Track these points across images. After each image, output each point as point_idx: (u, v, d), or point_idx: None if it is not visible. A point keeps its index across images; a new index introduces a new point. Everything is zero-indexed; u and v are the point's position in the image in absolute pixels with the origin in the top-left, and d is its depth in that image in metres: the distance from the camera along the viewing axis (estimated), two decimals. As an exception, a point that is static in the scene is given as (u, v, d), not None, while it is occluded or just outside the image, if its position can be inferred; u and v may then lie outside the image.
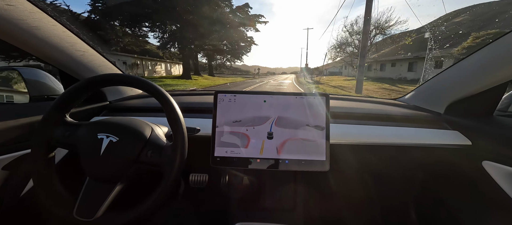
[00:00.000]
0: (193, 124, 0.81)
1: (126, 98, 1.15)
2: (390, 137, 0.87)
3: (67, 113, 0.62)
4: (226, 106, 0.74)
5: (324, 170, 0.71)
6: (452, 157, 0.86)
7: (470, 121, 0.84)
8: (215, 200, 1.15)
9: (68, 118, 0.62)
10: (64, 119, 0.61)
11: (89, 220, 0.51)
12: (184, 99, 1.13)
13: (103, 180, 0.56)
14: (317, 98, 0.73)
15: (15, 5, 0.60)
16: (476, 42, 7.35)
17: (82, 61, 0.87)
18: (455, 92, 0.88)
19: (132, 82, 0.62)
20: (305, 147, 0.72)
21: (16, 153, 0.67)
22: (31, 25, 0.65)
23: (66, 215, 0.53)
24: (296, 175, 0.98)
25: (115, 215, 0.55)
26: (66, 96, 0.60)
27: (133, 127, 0.61)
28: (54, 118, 0.59)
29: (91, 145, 0.56)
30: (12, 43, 0.66)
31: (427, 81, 1.04)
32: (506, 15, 21.02)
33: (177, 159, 0.56)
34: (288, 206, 0.93)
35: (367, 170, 1.11)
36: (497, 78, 0.72)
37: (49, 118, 0.58)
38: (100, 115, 0.97)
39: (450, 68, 0.89)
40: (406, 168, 1.03)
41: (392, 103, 1.17)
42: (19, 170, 0.70)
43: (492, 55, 0.70)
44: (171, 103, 0.59)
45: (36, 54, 0.73)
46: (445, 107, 0.94)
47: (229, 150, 0.73)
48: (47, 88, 0.98)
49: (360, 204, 1.19)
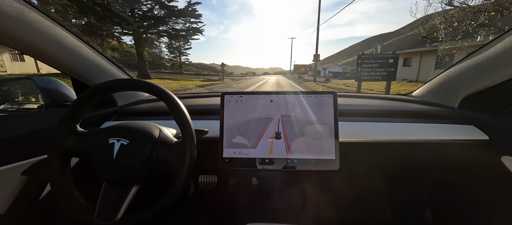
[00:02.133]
0: (201, 126, 0.82)
1: (136, 102, 1.18)
2: (401, 134, 0.85)
3: (77, 123, 0.64)
4: (233, 107, 0.75)
5: (334, 169, 0.70)
6: (468, 152, 0.83)
7: (486, 115, 0.81)
8: (225, 201, 1.15)
9: (79, 127, 0.64)
10: (75, 129, 0.63)
11: (110, 222, 0.53)
12: (192, 102, 1.14)
13: (118, 183, 0.58)
14: (325, 96, 0.73)
15: (25, 14, 0.62)
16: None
17: (91, 68, 0.90)
18: (469, 85, 0.84)
19: (138, 86, 0.63)
20: (314, 146, 0.71)
21: (33, 159, 0.70)
22: (40, 33, 0.68)
23: (87, 220, 0.55)
24: (306, 174, 0.97)
25: (134, 215, 0.57)
26: (74, 107, 0.62)
27: (142, 129, 0.63)
28: (65, 128, 0.61)
29: (103, 151, 0.58)
30: (23, 51, 0.68)
31: (438, 75, 1.01)
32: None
33: (187, 154, 0.57)
34: (298, 206, 0.93)
35: (378, 168, 1.08)
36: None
37: (60, 129, 0.60)
38: (111, 120, 1.00)
39: (463, 61, 0.86)
40: (419, 165, 1.00)
41: (402, 99, 1.14)
42: (37, 175, 0.73)
43: (508, 46, 0.67)
44: (177, 104, 0.60)
45: (47, 62, 0.76)
46: (458, 102, 0.91)
47: (237, 151, 0.73)
48: (61, 96, 1.02)
49: (373, 203, 1.16)
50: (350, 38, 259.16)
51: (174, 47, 37.11)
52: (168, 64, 46.60)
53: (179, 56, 41.31)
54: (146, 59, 25.34)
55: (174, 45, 36.66)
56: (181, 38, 32.15)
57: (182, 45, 36.93)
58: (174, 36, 30.56)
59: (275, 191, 0.94)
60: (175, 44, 36.22)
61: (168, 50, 38.86)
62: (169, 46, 36.54)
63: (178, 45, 36.56)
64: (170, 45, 36.36)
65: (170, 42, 35.00)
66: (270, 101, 0.74)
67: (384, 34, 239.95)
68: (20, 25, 0.61)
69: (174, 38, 31.77)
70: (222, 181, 1.14)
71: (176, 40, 33.59)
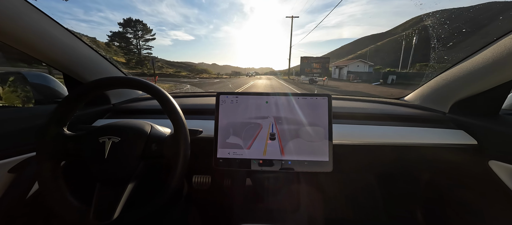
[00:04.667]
0: (196, 125, 0.82)
1: (130, 100, 1.16)
2: (393, 137, 0.86)
3: (65, 126, 0.61)
4: (228, 107, 0.74)
5: (328, 170, 0.71)
6: (457, 157, 0.85)
7: (475, 120, 0.83)
8: (219, 201, 1.15)
9: (66, 130, 0.61)
10: (63, 132, 0.60)
11: (107, 222, 0.52)
12: (186, 101, 1.13)
13: (113, 182, 0.57)
14: (320, 98, 0.73)
15: (17, 7, 0.60)
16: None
17: (85, 64, 0.88)
18: (460, 91, 0.87)
19: (131, 84, 0.61)
20: (308, 147, 0.72)
21: (21, 156, 0.68)
22: (34, 28, 0.66)
23: (84, 221, 0.54)
24: (300, 176, 0.98)
25: (133, 212, 0.56)
26: (61, 109, 0.59)
27: (132, 126, 0.62)
28: (53, 132, 0.58)
29: (95, 150, 0.57)
30: (15, 46, 0.66)
31: (430, 80, 1.03)
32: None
33: (181, 147, 0.56)
34: (292, 207, 0.93)
35: (371, 171, 1.10)
36: (502, 77, 0.71)
37: (48, 133, 0.57)
38: (104, 118, 0.98)
39: (454, 67, 0.89)
40: (410, 168, 1.02)
41: (395, 103, 1.16)
42: (24, 173, 0.71)
43: (496, 53, 0.70)
44: (171, 102, 0.60)
45: (39, 57, 0.74)
46: (449, 106, 0.93)
47: (231, 151, 0.73)
48: (52, 92, 0.99)
49: (365, 205, 1.18)
50: (339, 39, 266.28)
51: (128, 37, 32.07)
52: (121, 59, 40.92)
53: (139, 50, 37.26)
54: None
55: (127, 33, 32.82)
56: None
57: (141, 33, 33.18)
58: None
59: (269, 192, 0.94)
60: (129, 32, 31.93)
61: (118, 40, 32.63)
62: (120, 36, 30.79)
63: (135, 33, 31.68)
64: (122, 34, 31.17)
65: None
66: (266, 103, 0.74)
67: (376, 34, 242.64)
68: (7, 16, 0.58)
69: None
70: (216, 181, 1.13)
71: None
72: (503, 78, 0.72)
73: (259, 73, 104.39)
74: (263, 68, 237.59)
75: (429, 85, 1.04)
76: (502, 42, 0.68)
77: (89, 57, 0.89)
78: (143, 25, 36.28)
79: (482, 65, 0.75)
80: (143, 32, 40.07)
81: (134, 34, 39.30)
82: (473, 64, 0.79)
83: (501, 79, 0.72)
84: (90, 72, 0.91)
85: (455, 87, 0.89)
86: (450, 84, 0.91)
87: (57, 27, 0.74)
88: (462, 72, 0.84)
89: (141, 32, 39.28)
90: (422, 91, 1.09)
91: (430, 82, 1.03)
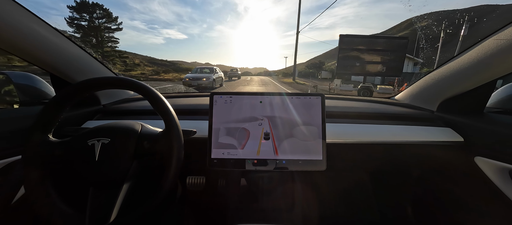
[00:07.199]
0: (189, 126, 0.81)
1: (121, 101, 1.13)
2: (385, 135, 0.88)
3: (50, 133, 0.59)
4: (222, 107, 0.74)
5: (321, 169, 0.71)
6: (445, 154, 0.88)
7: (461, 118, 0.86)
8: (213, 202, 1.14)
9: (51, 137, 0.59)
10: (47, 140, 0.57)
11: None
12: (179, 102, 1.12)
13: (106, 185, 0.55)
14: (313, 98, 0.74)
15: (3, 6, 0.58)
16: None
17: (72, 63, 0.85)
18: (447, 90, 0.90)
19: (118, 84, 0.59)
20: (302, 146, 0.72)
21: (5, 160, 0.65)
22: (20, 28, 0.64)
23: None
24: (294, 175, 0.99)
25: (130, 212, 0.54)
26: (46, 114, 0.56)
27: (122, 126, 0.61)
28: (37, 139, 0.55)
29: (84, 154, 0.55)
30: (1, 46, 0.64)
31: (419, 80, 1.06)
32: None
33: (174, 147, 0.55)
34: (287, 206, 0.94)
35: (363, 169, 1.12)
36: (486, 76, 0.74)
37: (33, 140, 0.54)
38: (94, 119, 0.95)
39: (441, 67, 0.92)
40: (401, 165, 1.05)
41: (386, 102, 1.19)
42: (9, 177, 0.68)
43: (481, 54, 0.72)
44: (163, 103, 0.59)
45: (25, 57, 0.71)
46: (437, 105, 0.96)
47: (225, 151, 0.72)
48: (38, 93, 0.96)
49: (358, 202, 1.20)
50: (332, 41, 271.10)
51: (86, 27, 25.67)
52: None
53: (101, 42, 30.79)
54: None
55: (81, 20, 26.18)
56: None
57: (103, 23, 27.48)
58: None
59: (264, 191, 0.94)
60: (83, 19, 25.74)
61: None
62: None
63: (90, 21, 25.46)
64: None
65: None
66: (260, 102, 0.74)
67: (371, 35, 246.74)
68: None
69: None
70: (210, 182, 1.12)
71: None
72: (487, 77, 0.74)
73: (252, 73, 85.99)
74: (257, 68, 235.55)
75: (418, 84, 1.07)
76: (486, 43, 0.71)
77: (77, 57, 0.86)
78: (104, 10, 29.14)
79: (468, 65, 0.78)
80: (105, 21, 31.20)
81: (90, 21, 30.37)
82: (459, 64, 0.81)
83: (485, 78, 0.75)
84: (79, 72, 0.88)
85: (443, 86, 0.91)
86: (438, 83, 0.94)
87: (41, 24, 0.71)
88: (449, 71, 0.87)
89: (101, 21, 30.68)
90: (412, 91, 1.12)
91: (419, 81, 1.06)
